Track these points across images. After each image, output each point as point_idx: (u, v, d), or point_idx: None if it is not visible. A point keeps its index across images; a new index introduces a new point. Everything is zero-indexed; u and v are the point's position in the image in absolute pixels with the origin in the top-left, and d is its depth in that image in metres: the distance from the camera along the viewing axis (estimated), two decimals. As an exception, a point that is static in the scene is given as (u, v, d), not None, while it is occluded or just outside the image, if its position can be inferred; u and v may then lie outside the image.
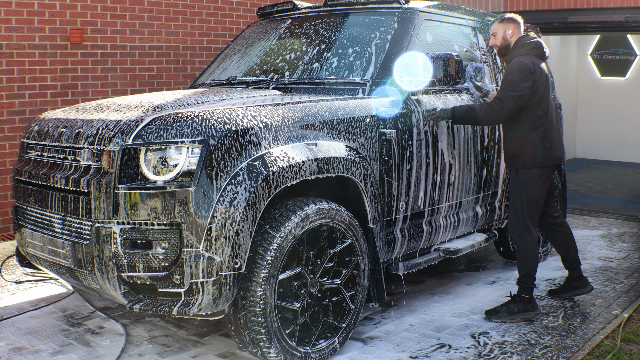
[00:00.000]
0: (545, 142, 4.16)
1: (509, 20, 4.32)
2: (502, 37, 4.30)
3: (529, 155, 4.16)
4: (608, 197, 8.78)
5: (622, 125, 12.33)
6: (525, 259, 4.23)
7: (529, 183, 4.19)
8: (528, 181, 4.20)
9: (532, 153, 4.15)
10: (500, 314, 4.18)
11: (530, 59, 4.12)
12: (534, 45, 4.21)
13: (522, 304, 4.19)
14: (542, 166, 4.19)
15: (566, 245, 4.55)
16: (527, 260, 4.22)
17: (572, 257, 4.54)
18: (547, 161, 4.20)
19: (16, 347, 3.74)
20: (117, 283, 3.14)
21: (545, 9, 8.34)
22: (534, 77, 4.05)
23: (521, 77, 4.03)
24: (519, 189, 4.23)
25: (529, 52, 4.18)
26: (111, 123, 3.30)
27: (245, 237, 3.11)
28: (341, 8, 4.60)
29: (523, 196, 4.21)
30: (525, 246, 4.22)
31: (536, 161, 4.17)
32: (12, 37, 5.87)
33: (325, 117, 3.58)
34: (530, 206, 4.21)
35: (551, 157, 4.22)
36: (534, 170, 4.19)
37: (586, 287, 4.54)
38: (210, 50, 7.33)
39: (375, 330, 4.02)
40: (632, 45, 12.28)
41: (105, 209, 3.12)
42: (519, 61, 4.11)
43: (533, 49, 4.20)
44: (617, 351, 3.71)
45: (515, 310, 4.18)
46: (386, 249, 3.97)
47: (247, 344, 3.32)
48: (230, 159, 3.11)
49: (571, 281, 4.57)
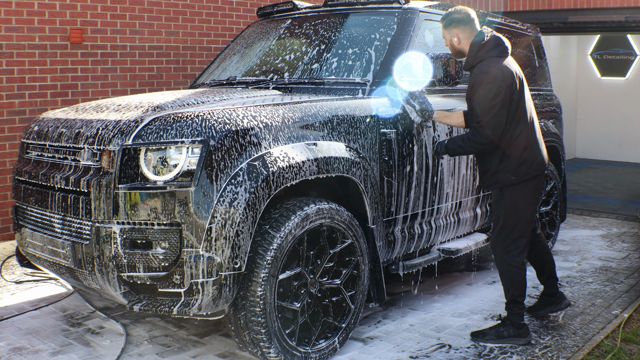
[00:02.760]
0: (529, 150, 3.69)
1: (453, 26, 3.76)
2: (450, 45, 3.82)
3: (513, 169, 3.67)
4: (608, 197, 8.78)
5: (622, 125, 12.33)
6: (509, 285, 3.81)
7: (520, 200, 3.72)
8: (518, 198, 3.72)
9: (517, 166, 3.67)
10: (488, 336, 3.82)
11: (495, 63, 3.59)
12: (492, 45, 3.65)
13: (512, 329, 3.80)
14: (531, 177, 3.72)
15: (542, 260, 4.14)
16: (512, 285, 3.80)
17: (548, 273, 4.15)
18: (536, 170, 3.73)
19: (16, 347, 3.74)
20: (117, 283, 3.14)
21: (545, 9, 8.34)
22: (506, 85, 3.55)
23: (493, 95, 3.54)
24: (506, 209, 3.74)
25: (489, 54, 3.63)
26: (111, 123, 3.30)
27: (245, 237, 3.11)
28: (341, 8, 4.60)
29: (511, 216, 3.73)
30: (508, 270, 3.79)
31: (523, 174, 3.68)
32: (12, 37, 5.87)
33: (325, 117, 3.58)
34: (524, 225, 3.75)
35: (539, 164, 3.75)
36: (522, 185, 3.71)
37: (562, 302, 4.16)
38: (210, 50, 7.33)
39: (375, 330, 4.02)
40: (632, 45, 12.28)
41: (105, 209, 3.12)
42: (482, 74, 3.58)
43: (492, 49, 3.64)
44: (617, 351, 3.71)
45: (504, 334, 3.79)
46: (386, 249, 3.97)
47: (247, 344, 3.32)
48: (230, 159, 3.11)
49: (545, 297, 4.20)
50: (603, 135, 12.57)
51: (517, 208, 3.73)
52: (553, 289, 4.16)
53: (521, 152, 3.67)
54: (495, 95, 3.55)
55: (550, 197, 5.72)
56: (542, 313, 4.20)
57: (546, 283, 4.18)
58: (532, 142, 3.72)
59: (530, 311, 4.21)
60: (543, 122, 5.60)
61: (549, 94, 6.00)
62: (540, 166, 3.76)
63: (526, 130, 3.68)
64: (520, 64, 5.55)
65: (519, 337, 3.79)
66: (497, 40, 3.67)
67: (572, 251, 5.94)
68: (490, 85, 3.55)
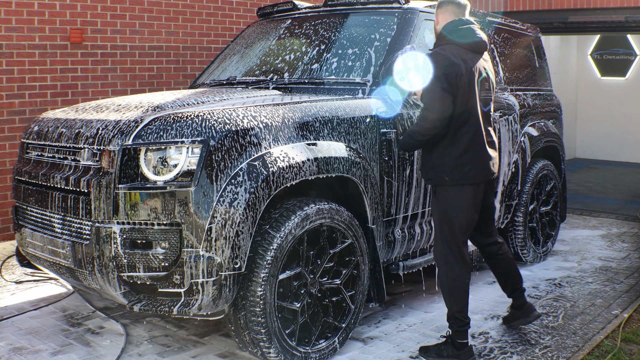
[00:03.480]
0: (470, 154, 3.45)
1: (437, 7, 3.63)
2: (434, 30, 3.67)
3: (448, 171, 3.45)
4: (608, 197, 8.78)
5: (622, 125, 12.33)
6: (448, 298, 3.56)
7: (452, 205, 3.49)
8: (449, 203, 3.49)
9: (453, 168, 3.44)
10: (429, 353, 3.59)
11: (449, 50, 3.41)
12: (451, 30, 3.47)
13: (452, 349, 3.53)
14: (466, 184, 3.47)
15: (504, 272, 3.90)
16: (450, 299, 3.54)
17: (512, 285, 3.93)
18: (474, 178, 3.47)
19: (16, 347, 3.74)
20: (117, 283, 3.14)
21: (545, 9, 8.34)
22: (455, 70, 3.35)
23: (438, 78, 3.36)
24: (438, 212, 3.54)
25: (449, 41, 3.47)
26: (111, 123, 3.30)
27: (245, 238, 3.11)
28: (341, 8, 4.60)
29: (443, 221, 3.52)
30: (446, 282, 3.54)
31: (458, 178, 3.45)
32: (12, 37, 5.87)
33: (325, 117, 3.58)
34: (453, 234, 3.50)
35: (479, 173, 3.48)
36: (455, 190, 3.47)
37: (529, 315, 3.94)
38: (210, 50, 7.33)
39: (375, 330, 4.02)
40: (632, 45, 12.28)
41: (105, 209, 3.12)
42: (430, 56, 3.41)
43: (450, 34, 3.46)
44: (617, 351, 3.71)
45: (444, 354, 3.54)
46: (386, 249, 3.97)
47: (247, 344, 3.32)
48: (231, 159, 3.11)
49: (514, 310, 4.00)
50: (603, 135, 12.57)
51: (449, 214, 3.50)
52: (520, 300, 3.95)
53: (461, 153, 3.44)
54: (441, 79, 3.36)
55: (550, 197, 5.72)
56: (514, 325, 4.01)
57: (511, 295, 3.97)
58: (477, 147, 3.46)
59: (504, 322, 4.07)
60: (543, 122, 5.60)
61: (549, 94, 6.00)
62: (481, 175, 3.50)
63: (472, 132, 3.44)
64: (520, 64, 5.58)
65: (457, 358, 3.52)
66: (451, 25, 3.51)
67: (572, 251, 5.94)
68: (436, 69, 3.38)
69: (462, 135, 3.44)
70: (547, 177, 5.62)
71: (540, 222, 5.59)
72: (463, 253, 3.55)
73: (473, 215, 3.56)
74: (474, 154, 3.46)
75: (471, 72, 3.44)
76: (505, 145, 4.94)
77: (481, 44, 3.52)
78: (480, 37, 3.53)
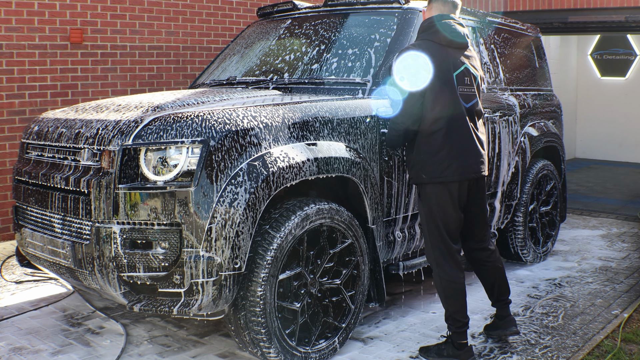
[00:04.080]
0: (446, 151, 3.39)
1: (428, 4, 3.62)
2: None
3: (426, 168, 3.43)
4: (608, 197, 8.78)
5: (622, 125, 12.33)
6: (444, 300, 3.55)
7: (433, 204, 3.45)
8: (432, 201, 3.45)
9: (430, 165, 3.41)
10: (429, 353, 3.58)
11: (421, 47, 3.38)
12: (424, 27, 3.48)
13: (452, 349, 3.52)
14: (444, 182, 3.42)
15: (491, 281, 3.79)
16: (445, 301, 3.53)
17: (497, 295, 3.81)
18: (452, 175, 3.41)
19: (16, 347, 3.74)
20: (117, 283, 3.14)
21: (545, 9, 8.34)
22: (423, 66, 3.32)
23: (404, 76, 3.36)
24: (424, 212, 3.51)
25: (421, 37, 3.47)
26: (111, 123, 3.30)
27: (245, 238, 3.11)
28: (341, 8, 4.60)
29: (429, 222, 3.48)
30: (440, 284, 3.52)
31: (436, 175, 3.41)
32: (12, 37, 5.87)
33: (325, 117, 3.58)
34: (440, 235, 3.46)
35: (459, 169, 3.42)
36: (435, 188, 3.43)
37: (508, 328, 3.80)
38: (210, 50, 7.33)
39: (375, 330, 4.02)
40: (632, 45, 12.28)
41: (105, 209, 3.12)
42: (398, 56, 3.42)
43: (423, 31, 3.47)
44: (617, 351, 3.71)
45: (444, 353, 3.53)
46: (386, 249, 3.97)
47: (247, 344, 3.32)
48: (231, 159, 3.11)
49: (496, 319, 3.87)
50: (603, 135, 12.57)
51: (433, 214, 3.47)
52: (503, 312, 3.83)
53: (437, 150, 3.40)
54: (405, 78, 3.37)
55: (550, 197, 5.72)
56: (495, 335, 3.86)
57: (495, 305, 3.86)
58: (455, 143, 3.41)
59: (487, 329, 3.94)
60: (543, 122, 5.60)
61: (549, 94, 6.00)
62: (459, 172, 3.43)
63: (448, 129, 3.39)
64: (520, 64, 5.58)
65: (457, 357, 3.51)
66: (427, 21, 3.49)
67: (572, 251, 5.94)
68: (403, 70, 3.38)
69: (437, 131, 3.40)
70: (547, 177, 5.62)
71: (540, 222, 5.59)
72: (453, 253, 3.50)
73: (456, 214, 3.48)
74: (450, 150, 3.40)
75: (445, 69, 3.39)
76: (506, 146, 4.94)
77: (457, 40, 3.48)
78: (457, 32, 3.49)
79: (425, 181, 3.46)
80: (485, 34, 5.03)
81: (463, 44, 3.54)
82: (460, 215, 3.53)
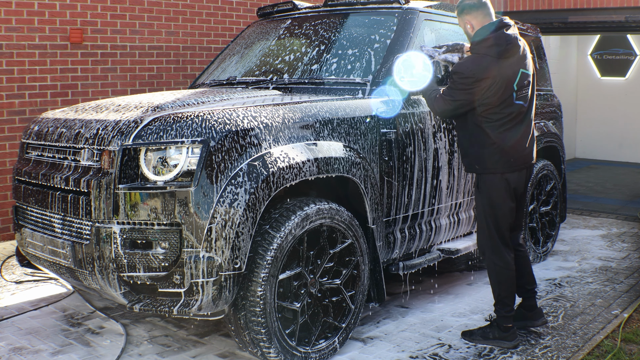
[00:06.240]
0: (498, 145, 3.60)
1: (465, 12, 3.71)
2: (464, 32, 3.78)
3: (475, 158, 3.66)
4: (608, 197, 8.78)
5: (622, 125, 12.33)
6: (496, 285, 3.75)
7: (493, 194, 3.66)
8: (491, 191, 3.66)
9: (480, 156, 3.64)
10: (474, 336, 3.81)
11: (484, 61, 3.53)
12: (492, 43, 3.55)
13: (498, 331, 3.75)
14: (498, 172, 3.64)
15: (521, 270, 3.91)
16: (498, 286, 3.73)
17: (523, 286, 3.93)
18: (504, 167, 3.63)
19: (16, 347, 3.74)
20: (117, 283, 3.14)
21: (545, 9, 8.34)
22: (483, 86, 3.49)
23: (462, 86, 3.54)
24: (482, 202, 3.73)
25: (485, 50, 3.56)
26: (111, 123, 3.30)
27: (245, 238, 3.11)
28: (341, 8, 4.60)
29: (487, 212, 3.70)
30: (495, 270, 3.74)
31: (487, 166, 3.64)
32: (12, 37, 5.87)
33: (325, 117, 3.58)
34: (497, 224, 3.67)
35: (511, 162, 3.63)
36: (490, 178, 3.65)
37: (538, 319, 3.95)
38: (210, 50, 7.33)
39: (375, 330, 4.02)
40: (632, 45, 12.28)
41: (105, 209, 3.12)
42: (466, 65, 3.57)
43: (490, 46, 3.55)
44: (617, 351, 3.71)
45: (490, 336, 3.76)
46: (386, 249, 3.97)
47: (247, 344, 3.32)
48: (231, 159, 3.11)
49: (523, 309, 3.97)
50: (603, 135, 12.57)
51: (491, 203, 3.68)
52: (531, 302, 3.96)
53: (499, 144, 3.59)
54: (462, 90, 3.55)
55: (550, 197, 5.72)
56: (519, 325, 3.92)
57: (523, 295, 3.96)
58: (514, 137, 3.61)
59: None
60: (543, 122, 5.60)
61: (549, 94, 6.00)
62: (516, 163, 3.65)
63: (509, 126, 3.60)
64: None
65: (504, 339, 3.73)
66: (499, 40, 3.56)
67: (572, 251, 5.94)
68: (464, 80, 3.53)
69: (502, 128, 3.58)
70: (547, 177, 5.61)
71: (540, 222, 5.59)
72: (507, 241, 3.74)
73: (512, 203, 3.71)
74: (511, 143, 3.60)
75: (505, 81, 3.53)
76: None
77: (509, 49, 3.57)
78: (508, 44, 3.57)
79: (486, 172, 3.65)
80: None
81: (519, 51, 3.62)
82: (514, 204, 3.74)
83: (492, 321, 3.85)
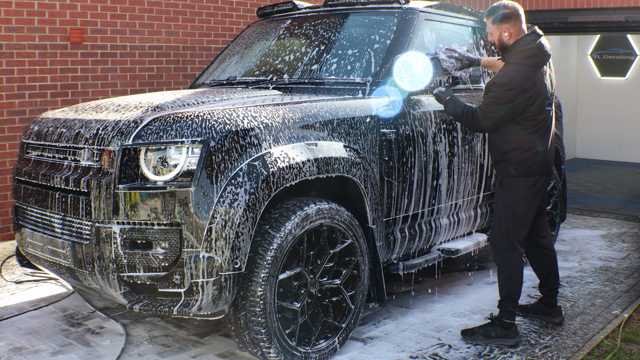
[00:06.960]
0: (535, 150, 3.72)
1: (504, 21, 3.73)
2: (498, 39, 3.79)
3: (514, 164, 3.74)
4: (608, 197, 8.78)
5: (622, 125, 12.33)
6: (506, 280, 3.82)
7: (515, 196, 3.77)
8: (514, 193, 3.78)
9: (519, 161, 3.72)
10: (475, 335, 3.84)
11: (525, 71, 3.61)
12: (532, 54, 3.65)
13: (500, 329, 3.80)
14: (530, 175, 3.76)
15: (547, 271, 4.09)
16: (508, 281, 3.81)
17: (551, 285, 4.11)
18: (537, 170, 3.76)
19: (16, 347, 3.74)
20: (117, 283, 3.14)
21: (545, 9, 8.34)
22: (526, 96, 3.59)
23: (506, 98, 3.59)
24: (504, 201, 3.82)
25: (524, 61, 3.64)
26: (111, 123, 3.30)
27: (245, 238, 3.11)
28: (341, 8, 4.60)
29: (508, 210, 3.80)
30: (507, 266, 3.81)
31: (522, 170, 3.74)
32: (12, 37, 5.87)
33: (325, 117, 3.58)
34: (516, 222, 3.79)
35: (541, 165, 3.77)
36: (521, 181, 3.76)
37: (556, 317, 4.11)
38: (210, 50, 7.33)
39: (375, 330, 4.02)
40: (632, 45, 12.28)
41: (105, 209, 3.12)
42: (510, 76, 3.61)
43: (530, 57, 3.64)
44: (617, 351, 3.71)
45: (492, 334, 3.80)
46: (386, 249, 3.97)
47: (247, 344, 3.32)
48: (231, 159, 3.11)
49: (542, 305, 4.17)
50: (603, 135, 12.57)
51: (515, 203, 3.78)
52: (552, 299, 4.14)
53: (525, 150, 3.71)
54: (506, 102, 3.61)
55: (550, 197, 5.72)
56: (535, 317, 4.17)
57: (547, 294, 4.15)
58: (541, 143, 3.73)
59: (525, 310, 4.23)
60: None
61: (549, 94, 5.99)
62: (544, 166, 3.78)
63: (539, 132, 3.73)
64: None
65: (506, 337, 3.79)
66: (538, 51, 3.66)
67: (572, 251, 5.94)
68: (509, 92, 3.59)
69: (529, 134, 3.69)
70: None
71: (540, 222, 5.58)
72: (522, 240, 3.85)
73: (535, 205, 3.83)
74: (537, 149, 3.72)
75: (543, 87, 3.66)
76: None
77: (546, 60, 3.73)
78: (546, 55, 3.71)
79: (527, 174, 3.74)
80: (486, 34, 5.02)
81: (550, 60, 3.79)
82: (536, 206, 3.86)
83: (493, 319, 3.88)
